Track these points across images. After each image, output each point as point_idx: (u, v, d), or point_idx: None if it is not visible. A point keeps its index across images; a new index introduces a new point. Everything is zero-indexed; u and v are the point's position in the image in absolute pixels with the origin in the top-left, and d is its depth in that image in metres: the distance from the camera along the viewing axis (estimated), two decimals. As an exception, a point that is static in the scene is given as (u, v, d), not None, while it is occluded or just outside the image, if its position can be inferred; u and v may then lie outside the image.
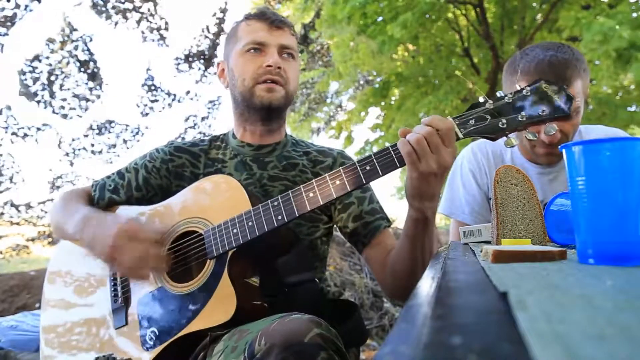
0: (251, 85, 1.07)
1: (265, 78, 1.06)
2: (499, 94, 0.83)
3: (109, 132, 6.02)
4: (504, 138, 0.82)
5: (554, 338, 0.23)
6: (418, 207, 0.89)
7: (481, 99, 0.83)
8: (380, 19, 6.01)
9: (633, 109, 6.56)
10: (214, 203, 0.98)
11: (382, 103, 7.89)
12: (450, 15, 7.01)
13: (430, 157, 0.80)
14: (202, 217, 0.98)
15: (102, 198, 1.14)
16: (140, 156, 1.19)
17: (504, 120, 0.80)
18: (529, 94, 0.80)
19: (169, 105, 6.28)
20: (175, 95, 6.27)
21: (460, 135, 0.82)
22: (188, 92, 6.32)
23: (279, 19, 1.10)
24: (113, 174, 1.17)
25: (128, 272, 0.92)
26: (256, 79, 1.07)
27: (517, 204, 0.84)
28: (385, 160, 0.84)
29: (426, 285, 0.46)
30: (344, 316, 1.01)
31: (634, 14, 5.02)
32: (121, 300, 1.00)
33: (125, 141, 6.21)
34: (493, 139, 0.82)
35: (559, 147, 0.62)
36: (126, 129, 6.18)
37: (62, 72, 5.49)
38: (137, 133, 6.24)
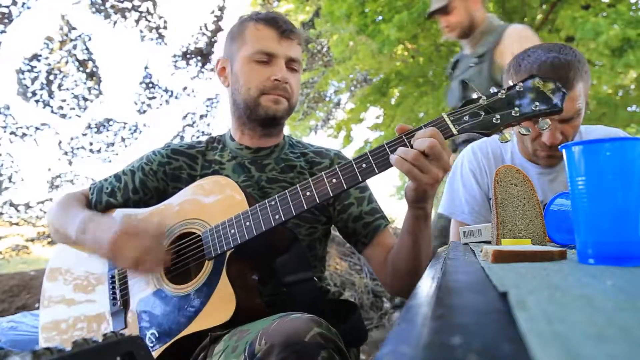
0: (257, 96, 1.07)
1: (272, 92, 1.07)
2: (492, 90, 0.83)
3: (107, 130, 6.02)
4: (499, 133, 0.82)
5: (554, 338, 0.23)
6: (421, 207, 0.90)
7: (475, 95, 0.83)
8: (379, 18, 6.00)
9: (633, 109, 6.56)
10: (211, 204, 0.98)
11: (382, 102, 7.88)
12: (450, 15, 6.99)
13: (433, 167, 0.80)
14: (200, 218, 0.98)
15: (100, 201, 1.13)
16: (137, 159, 1.18)
17: (498, 116, 0.80)
18: (522, 89, 0.80)
19: (166, 102, 6.28)
20: (172, 91, 6.27)
21: (455, 132, 0.82)
22: (185, 88, 6.32)
23: (289, 28, 1.09)
24: (110, 176, 1.17)
25: (130, 265, 0.94)
26: (262, 90, 1.07)
27: (517, 204, 0.84)
28: (381, 158, 0.84)
29: (426, 285, 0.46)
30: (344, 316, 1.01)
31: (633, 14, 5.03)
32: (120, 303, 1.00)
33: (123, 139, 6.21)
34: (487, 135, 0.82)
35: (559, 147, 0.62)
36: (124, 127, 6.17)
37: (61, 72, 5.48)
38: (135, 131, 6.24)
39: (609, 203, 0.55)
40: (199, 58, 6.21)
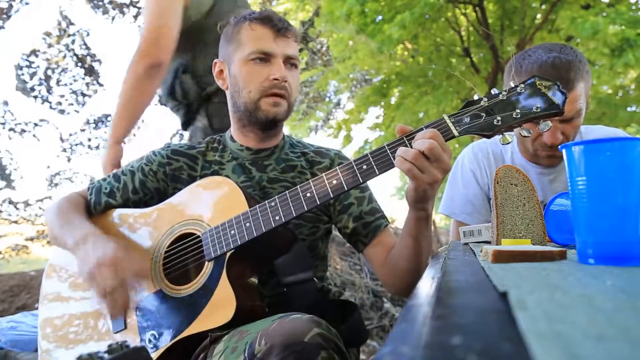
0: (257, 99, 1.07)
1: (272, 92, 1.06)
2: (493, 91, 0.83)
3: (106, 125, 6.00)
4: (500, 135, 0.82)
5: (554, 338, 0.23)
6: (422, 208, 0.90)
7: (476, 97, 0.83)
8: (379, 18, 6.00)
9: (633, 109, 6.56)
10: (211, 205, 0.98)
11: (382, 102, 7.89)
12: (450, 15, 7.00)
13: (432, 168, 0.80)
14: (200, 219, 0.98)
15: (99, 202, 1.13)
16: (136, 159, 1.18)
17: (499, 118, 0.80)
18: (523, 91, 0.80)
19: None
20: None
21: (456, 133, 0.82)
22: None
23: (284, 26, 1.08)
24: (109, 176, 1.16)
25: (100, 297, 0.91)
26: (262, 92, 1.06)
27: (517, 204, 0.84)
28: (381, 160, 0.84)
29: (426, 285, 0.46)
30: (344, 316, 1.01)
31: (632, 14, 5.03)
32: None
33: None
34: (488, 136, 0.82)
35: (560, 147, 0.62)
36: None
37: (59, 66, 5.47)
38: (133, 128, 6.22)
39: (609, 203, 0.55)
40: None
